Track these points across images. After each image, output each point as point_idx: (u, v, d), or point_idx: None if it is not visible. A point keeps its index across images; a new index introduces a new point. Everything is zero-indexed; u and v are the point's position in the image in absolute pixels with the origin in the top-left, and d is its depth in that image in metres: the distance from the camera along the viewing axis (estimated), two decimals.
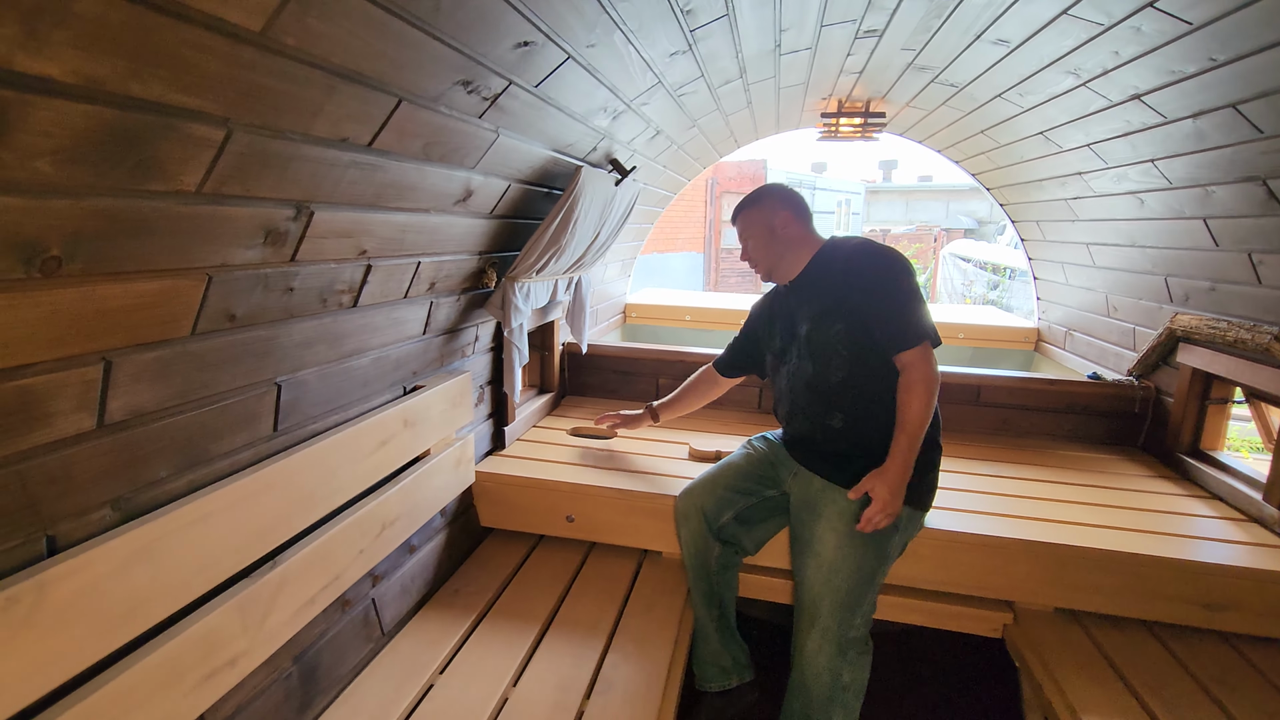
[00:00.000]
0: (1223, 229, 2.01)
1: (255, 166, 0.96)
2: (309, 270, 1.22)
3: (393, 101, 1.11)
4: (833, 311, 1.67)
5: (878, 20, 1.97)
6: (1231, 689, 1.58)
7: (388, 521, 1.60)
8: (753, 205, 1.82)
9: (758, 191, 1.86)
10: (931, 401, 1.59)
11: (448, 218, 1.57)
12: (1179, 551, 1.79)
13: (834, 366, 1.68)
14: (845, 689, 1.60)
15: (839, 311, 1.66)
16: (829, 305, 1.68)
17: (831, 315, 1.67)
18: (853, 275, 1.66)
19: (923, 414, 1.58)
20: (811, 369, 1.72)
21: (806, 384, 1.74)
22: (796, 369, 1.77)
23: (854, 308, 1.64)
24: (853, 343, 1.65)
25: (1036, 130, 2.56)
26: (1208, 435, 2.37)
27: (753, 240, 1.82)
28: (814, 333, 1.70)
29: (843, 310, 1.66)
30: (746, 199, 1.85)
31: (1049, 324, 3.79)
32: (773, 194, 1.82)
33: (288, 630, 1.29)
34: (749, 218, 1.82)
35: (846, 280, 1.67)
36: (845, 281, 1.67)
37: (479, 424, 2.21)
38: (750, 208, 1.82)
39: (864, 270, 1.66)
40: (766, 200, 1.81)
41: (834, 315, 1.67)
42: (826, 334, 1.68)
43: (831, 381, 1.68)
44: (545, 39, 1.30)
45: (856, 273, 1.66)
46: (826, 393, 1.70)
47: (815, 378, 1.71)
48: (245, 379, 1.18)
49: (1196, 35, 1.47)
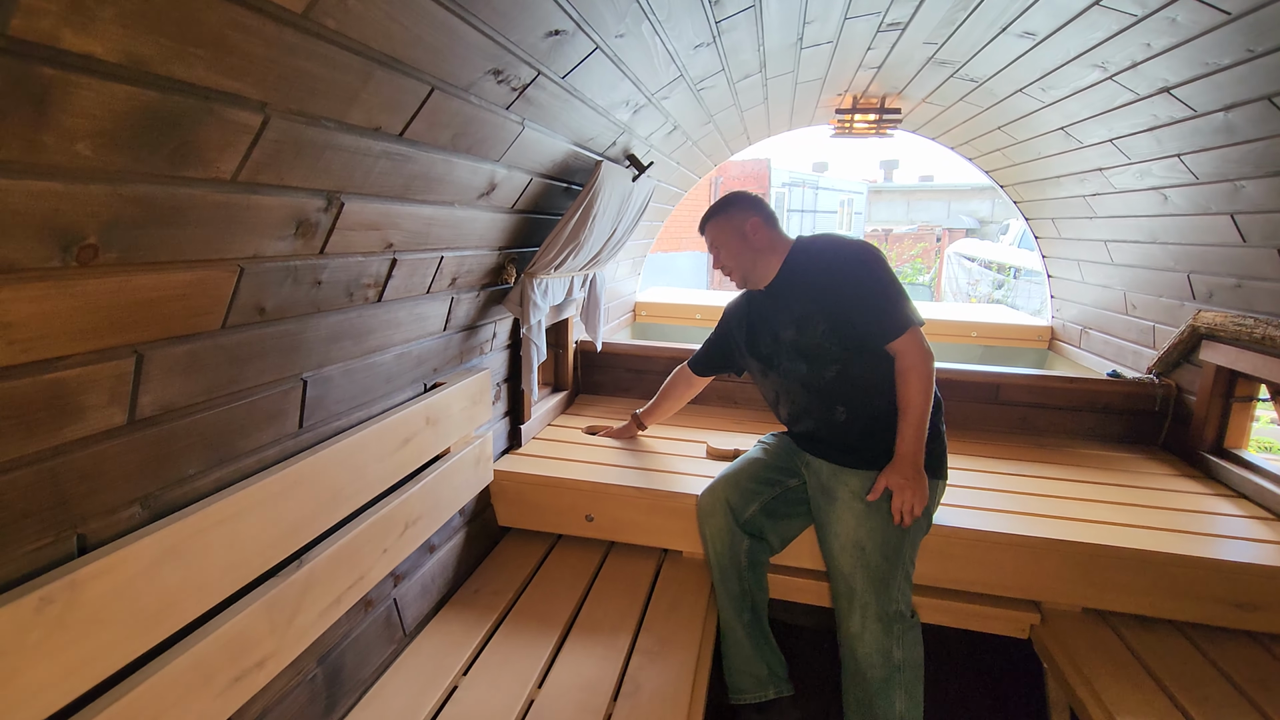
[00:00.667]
0: (1251, 224, 1.99)
1: (290, 154, 0.93)
2: (337, 263, 1.20)
3: (425, 89, 1.08)
4: (814, 314, 1.69)
5: (902, 13, 1.94)
6: (1269, 691, 1.56)
7: (410, 520, 1.57)
8: (720, 214, 1.83)
9: (722, 201, 1.86)
10: (929, 383, 1.63)
11: (471, 211, 1.55)
12: (1208, 551, 1.77)
13: (827, 364, 1.70)
14: (900, 668, 1.58)
15: (820, 313, 1.68)
16: (809, 308, 1.70)
17: (813, 318, 1.69)
18: (826, 275, 1.68)
19: (923, 398, 1.61)
20: (805, 369, 1.74)
21: (803, 384, 1.76)
22: (789, 371, 1.78)
23: (834, 307, 1.66)
24: (840, 339, 1.67)
25: (1057, 126, 2.53)
26: (1232, 433, 2.34)
27: (725, 249, 1.82)
28: (800, 336, 1.72)
29: (823, 311, 1.67)
30: (712, 209, 1.86)
31: (1063, 322, 3.77)
32: (738, 201, 1.83)
33: (313, 631, 1.26)
34: (718, 227, 1.83)
35: (821, 281, 1.68)
36: (820, 282, 1.69)
37: (496, 422, 2.19)
38: (717, 216, 1.83)
39: (837, 268, 1.67)
40: (733, 208, 1.81)
41: (816, 317, 1.68)
42: (812, 336, 1.70)
43: (827, 378, 1.71)
44: (576, 28, 1.28)
45: (829, 272, 1.68)
46: (824, 389, 1.73)
47: (810, 377, 1.73)
48: (273, 374, 1.15)
49: (1234, 26, 1.45)
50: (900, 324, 1.62)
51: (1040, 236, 3.77)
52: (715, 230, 1.84)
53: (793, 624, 2.48)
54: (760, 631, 1.80)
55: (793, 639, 2.36)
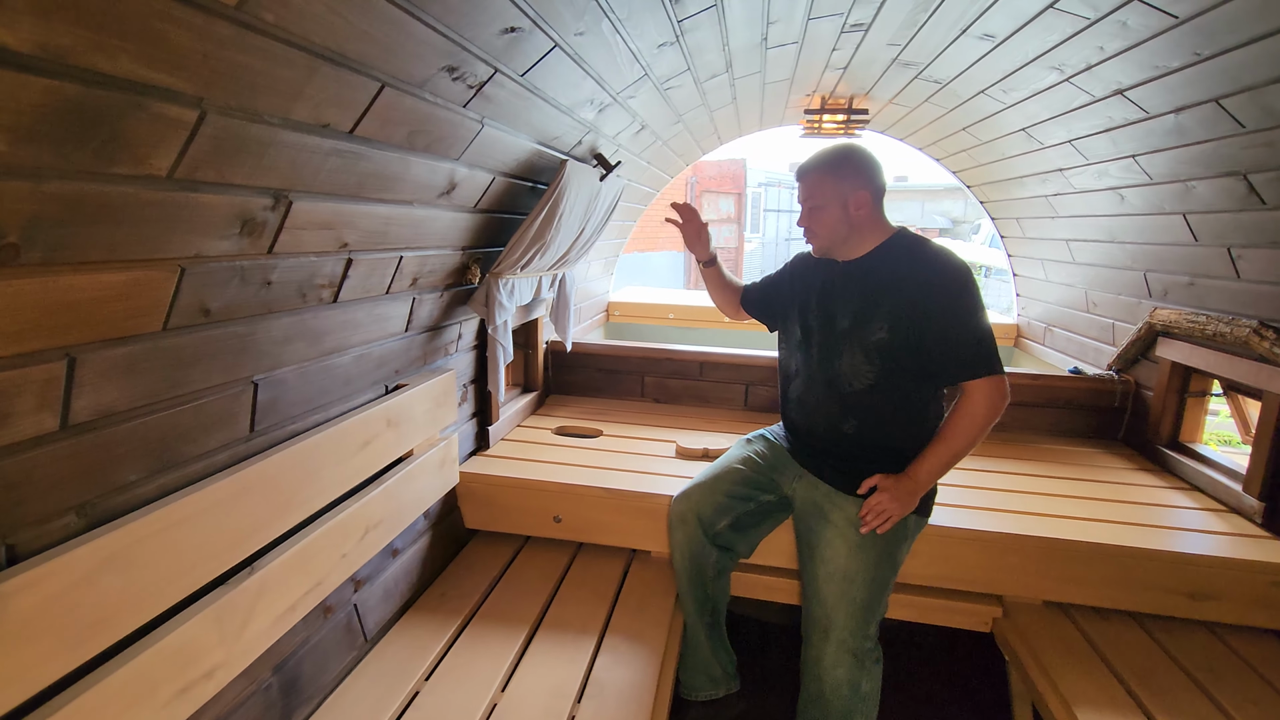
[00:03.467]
0: (1202, 224, 2.04)
1: (231, 151, 0.91)
2: (288, 263, 1.17)
3: (376, 86, 1.06)
4: (880, 314, 1.53)
5: (864, 14, 1.96)
6: (1218, 677, 1.60)
7: (371, 524, 1.54)
8: (829, 171, 1.58)
9: (837, 155, 1.59)
10: (982, 433, 1.50)
11: (431, 211, 1.53)
12: (1163, 543, 1.81)
13: (861, 373, 1.57)
14: (865, 699, 1.57)
15: (887, 316, 1.52)
16: (878, 305, 1.54)
17: (877, 317, 1.54)
18: (918, 282, 1.51)
19: (967, 442, 1.51)
20: (837, 368, 1.61)
21: (827, 381, 1.64)
22: (820, 362, 1.65)
23: (908, 317, 1.50)
24: (888, 355, 1.53)
25: (1018, 127, 2.57)
26: (1187, 428, 2.40)
27: (817, 211, 1.60)
28: (853, 329, 1.58)
29: (892, 316, 1.52)
30: (822, 160, 1.59)
31: (1029, 320, 3.83)
32: (855, 164, 1.57)
33: (267, 639, 1.23)
34: (821, 184, 1.58)
35: (910, 285, 1.51)
36: (907, 286, 1.51)
37: (462, 423, 2.16)
38: (825, 172, 1.58)
39: (932, 281, 1.50)
40: (847, 170, 1.56)
41: (880, 318, 1.53)
42: (864, 337, 1.56)
43: (855, 387, 1.59)
44: (533, 25, 1.26)
45: (923, 280, 1.50)
46: (845, 396, 1.61)
47: (838, 378, 1.61)
48: (220, 377, 1.12)
49: (1182, 29, 1.48)
50: (988, 366, 1.48)
51: (1006, 236, 3.83)
52: (815, 186, 1.59)
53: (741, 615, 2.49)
54: (718, 634, 1.82)
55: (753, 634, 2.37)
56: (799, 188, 1.65)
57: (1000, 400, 1.49)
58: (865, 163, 1.58)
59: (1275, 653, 1.70)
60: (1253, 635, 1.76)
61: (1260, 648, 1.71)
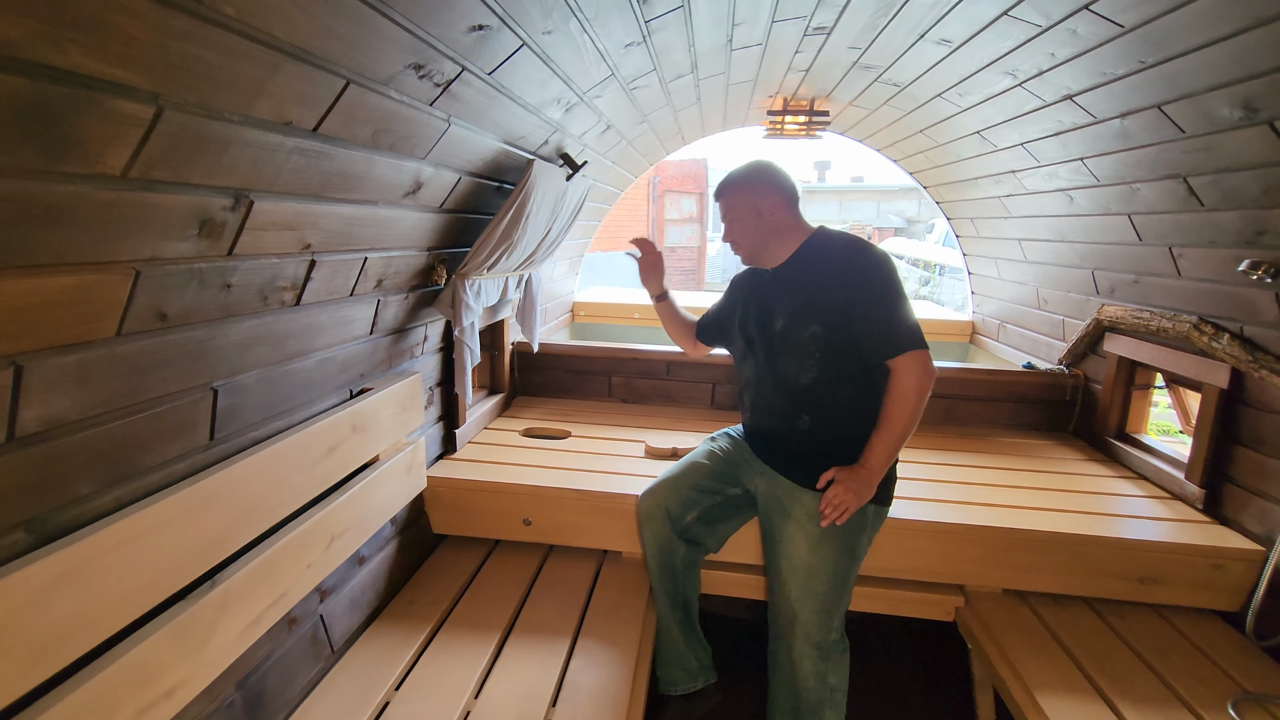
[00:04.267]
0: (1146, 224, 2.13)
1: (189, 149, 0.87)
2: (248, 265, 1.13)
3: (340, 83, 1.03)
4: (811, 311, 1.60)
5: (827, 17, 1.99)
6: (1166, 658, 1.67)
7: (336, 533, 1.51)
8: (741, 185, 1.68)
9: (747, 170, 1.70)
10: (919, 409, 1.56)
11: (397, 211, 1.50)
12: (1114, 530, 1.89)
13: (804, 369, 1.63)
14: (833, 690, 1.60)
15: (818, 312, 1.59)
16: (808, 303, 1.61)
17: (809, 314, 1.60)
18: (839, 275, 1.58)
19: (909, 420, 1.55)
20: (781, 368, 1.67)
21: (775, 383, 1.69)
22: (765, 364, 1.72)
23: (836, 310, 1.57)
24: (827, 346, 1.59)
25: (973, 130, 2.65)
26: (1133, 419, 2.51)
27: (737, 224, 1.69)
28: (788, 330, 1.64)
29: (821, 311, 1.59)
30: (734, 176, 1.70)
31: (983, 317, 3.95)
32: (763, 175, 1.68)
33: (230, 654, 1.19)
34: (735, 198, 1.68)
35: (832, 280, 1.59)
36: (830, 281, 1.59)
37: (429, 427, 2.12)
38: (738, 187, 1.68)
39: (852, 272, 1.58)
40: (757, 181, 1.67)
41: (811, 315, 1.60)
42: (800, 334, 1.62)
43: (801, 383, 1.64)
44: (500, 23, 1.25)
45: (843, 273, 1.58)
46: (795, 394, 1.66)
47: (785, 378, 1.67)
48: (178, 384, 1.08)
49: (1128, 38, 1.55)
50: (907, 341, 1.54)
51: (961, 235, 3.95)
52: (731, 201, 1.69)
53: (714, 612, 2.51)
54: (691, 627, 1.84)
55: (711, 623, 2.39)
56: (719, 207, 1.75)
57: (926, 374, 1.55)
58: (773, 171, 1.69)
59: (1217, 632, 1.79)
60: (1197, 616, 1.85)
61: (1204, 627, 1.80)
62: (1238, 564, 1.78)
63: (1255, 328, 1.81)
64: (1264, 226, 1.66)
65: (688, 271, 14.52)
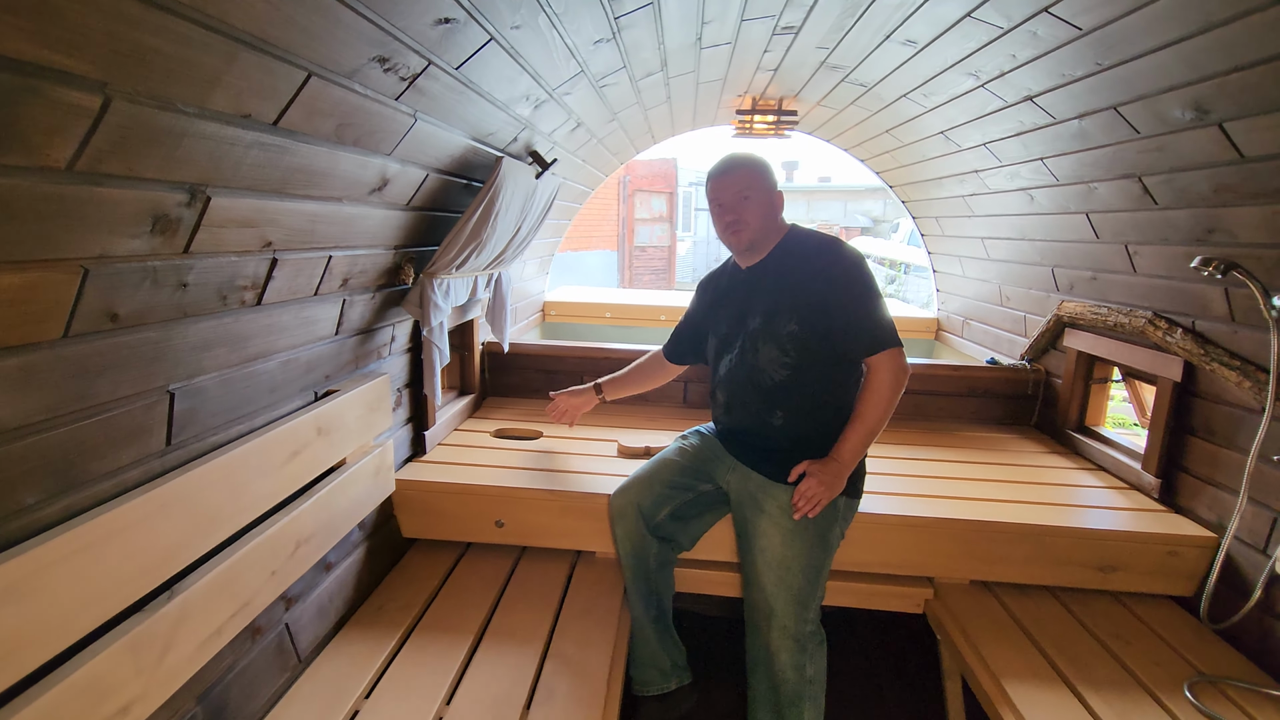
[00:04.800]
0: (1103, 222, 2.19)
1: (140, 142, 0.83)
2: (206, 263, 1.09)
3: (301, 75, 1.00)
4: (787, 309, 1.62)
5: (795, 17, 2.01)
6: (1126, 643, 1.72)
7: (302, 539, 1.46)
8: (762, 169, 1.68)
9: (758, 157, 1.70)
10: (892, 406, 1.61)
11: (362, 208, 1.46)
12: (1075, 521, 1.94)
13: (778, 366, 1.65)
14: (811, 682, 1.61)
15: (794, 310, 1.62)
16: (784, 301, 1.63)
17: (785, 313, 1.63)
18: (815, 274, 1.61)
19: (881, 415, 1.60)
20: (755, 365, 1.68)
21: (749, 379, 1.70)
22: (739, 362, 1.73)
23: (813, 308, 1.60)
24: (802, 345, 1.62)
25: (938, 130, 2.70)
26: (1092, 412, 2.58)
27: (753, 205, 1.66)
28: (764, 328, 1.66)
29: (799, 310, 1.61)
30: (749, 158, 1.69)
31: (948, 314, 4.03)
32: (770, 169, 1.69)
33: (190, 667, 1.15)
34: (752, 176, 1.66)
35: (809, 278, 1.62)
36: (807, 279, 1.62)
37: (397, 429, 2.08)
38: (753, 168, 1.67)
39: (829, 271, 1.61)
40: (769, 171, 1.68)
41: (788, 313, 1.62)
42: (777, 333, 1.63)
43: (775, 380, 1.66)
44: (468, 17, 1.23)
45: (820, 272, 1.61)
46: (768, 391, 1.68)
47: (758, 375, 1.68)
48: (132, 387, 1.04)
49: (1085, 40, 1.59)
50: (885, 340, 1.59)
51: (926, 234, 4.02)
52: (746, 178, 1.66)
53: (701, 614, 2.52)
54: (665, 626, 1.84)
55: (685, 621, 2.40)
56: (723, 183, 1.69)
57: (902, 371, 1.60)
58: (773, 170, 1.73)
59: (1173, 617, 1.85)
60: (1154, 602, 1.91)
61: (1160, 613, 1.86)
62: (1192, 550, 1.84)
63: (1206, 322, 1.88)
64: (1214, 224, 1.72)
65: (658, 271, 14.55)
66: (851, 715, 2.09)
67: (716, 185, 1.70)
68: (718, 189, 1.70)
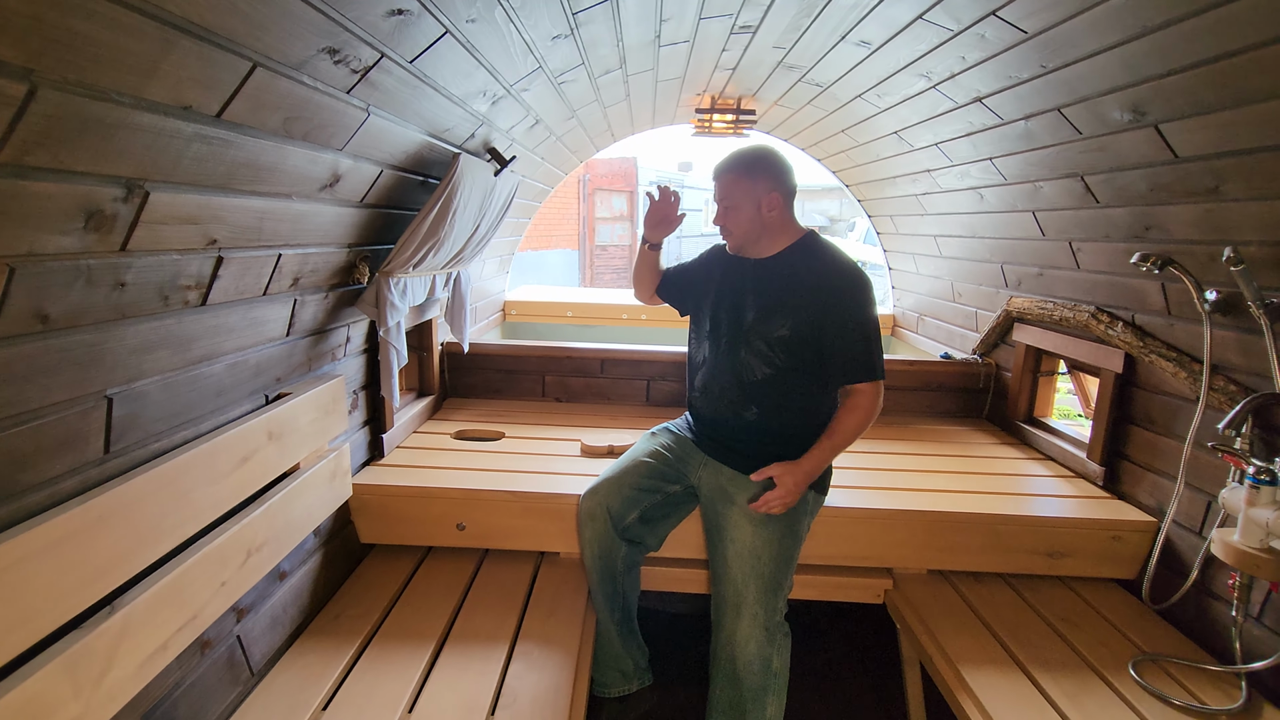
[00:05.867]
0: (1048, 220, 2.27)
1: (71, 133, 0.79)
2: (145, 262, 1.04)
3: (246, 66, 0.96)
4: (783, 312, 1.64)
5: (752, 16, 2.02)
6: (1074, 626, 1.79)
7: (253, 547, 1.41)
8: (744, 172, 1.66)
9: (751, 157, 1.67)
10: (864, 428, 1.66)
11: (313, 205, 1.42)
12: (1025, 509, 2.00)
13: (763, 364, 1.67)
14: (776, 675, 1.62)
15: (792, 316, 1.63)
16: (784, 304, 1.64)
17: (782, 315, 1.64)
18: (822, 288, 1.62)
19: (853, 435, 1.66)
20: (741, 359, 1.70)
21: (731, 372, 1.72)
22: (727, 352, 1.73)
23: (811, 321, 1.62)
24: (790, 350, 1.64)
25: (891, 130, 2.76)
26: (1039, 404, 2.68)
27: (733, 212, 1.67)
28: (757, 324, 1.67)
29: (797, 317, 1.62)
30: (738, 161, 1.67)
31: (903, 310, 4.13)
32: (767, 167, 1.66)
33: (133, 685, 1.10)
34: (736, 185, 1.66)
35: (812, 288, 1.63)
36: (812, 292, 1.62)
37: (354, 432, 2.03)
38: (740, 173, 1.66)
39: (836, 289, 1.62)
40: (759, 173, 1.65)
41: (783, 316, 1.63)
42: (768, 332, 1.65)
43: (756, 377, 1.69)
44: (421, 9, 1.20)
45: (827, 288, 1.62)
46: (748, 386, 1.70)
47: (742, 369, 1.70)
48: (65, 393, 0.98)
49: (1030, 44, 1.64)
50: (872, 371, 1.62)
51: (881, 232, 4.11)
52: (730, 187, 1.66)
53: (664, 612, 2.52)
54: (630, 628, 1.84)
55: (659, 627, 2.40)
56: (715, 187, 1.72)
57: (879, 402, 1.66)
58: (777, 165, 1.67)
59: (1117, 599, 1.92)
60: (1100, 585, 1.99)
61: (1106, 595, 1.94)
62: (1134, 535, 1.92)
63: (1145, 315, 1.96)
64: (1151, 222, 1.80)
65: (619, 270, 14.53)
66: (814, 706, 2.12)
67: (714, 184, 1.72)
68: (715, 188, 1.73)
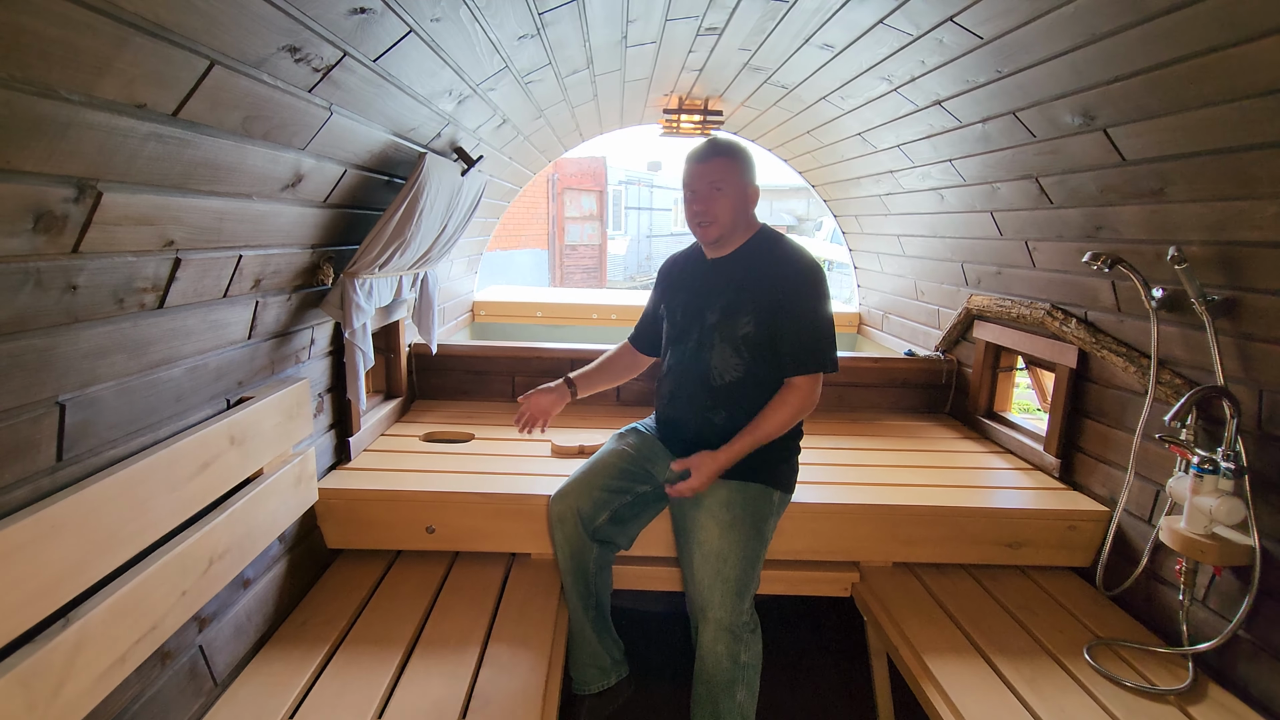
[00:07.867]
0: (1006, 220, 2.34)
1: (18, 131, 0.77)
2: (98, 264, 1.01)
3: (203, 64, 0.95)
4: (745, 308, 1.65)
5: (718, 18, 2.04)
6: (1033, 613, 1.85)
7: (215, 555, 1.38)
8: (737, 159, 1.66)
9: (738, 146, 1.68)
10: (793, 422, 1.67)
11: (274, 205, 1.39)
12: (985, 501, 2.06)
13: (730, 366, 1.69)
14: (745, 667, 1.63)
15: (753, 310, 1.64)
16: (744, 300, 1.66)
17: (744, 311, 1.65)
18: (780, 281, 1.64)
19: (778, 429, 1.66)
20: (707, 363, 1.71)
21: (698, 376, 1.73)
22: (693, 356, 1.74)
23: (770, 313, 1.63)
24: (755, 347, 1.66)
25: (855, 131, 2.81)
26: (999, 399, 2.75)
27: (724, 197, 1.64)
28: (721, 326, 1.68)
29: (756, 310, 1.64)
30: (727, 146, 1.67)
31: (868, 308, 4.21)
32: (749, 161, 1.68)
33: (90, 699, 1.06)
34: (729, 168, 1.64)
35: (772, 283, 1.64)
36: (769, 283, 1.64)
37: (319, 436, 1.99)
38: (733, 159, 1.65)
39: (793, 282, 1.64)
40: (746, 164, 1.66)
41: (746, 312, 1.65)
42: (733, 331, 1.67)
43: (725, 380, 1.70)
44: (385, 7, 1.19)
45: (784, 280, 1.64)
46: (716, 390, 1.71)
47: (709, 373, 1.71)
48: (14, 399, 0.95)
49: (986, 49, 1.69)
50: (816, 365, 1.64)
51: (847, 232, 4.18)
52: (722, 169, 1.63)
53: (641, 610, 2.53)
54: (604, 625, 1.84)
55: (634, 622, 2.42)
56: (698, 171, 1.65)
57: (814, 397, 1.67)
58: (753, 161, 1.72)
59: (1073, 587, 1.99)
60: (1056, 574, 2.05)
61: (1062, 584, 2.01)
62: (1088, 524, 1.99)
63: (1097, 312, 2.03)
64: (1101, 222, 1.87)
65: (589, 269, 14.51)
66: (783, 697, 2.16)
67: (692, 171, 1.66)
68: (692, 175, 1.67)
